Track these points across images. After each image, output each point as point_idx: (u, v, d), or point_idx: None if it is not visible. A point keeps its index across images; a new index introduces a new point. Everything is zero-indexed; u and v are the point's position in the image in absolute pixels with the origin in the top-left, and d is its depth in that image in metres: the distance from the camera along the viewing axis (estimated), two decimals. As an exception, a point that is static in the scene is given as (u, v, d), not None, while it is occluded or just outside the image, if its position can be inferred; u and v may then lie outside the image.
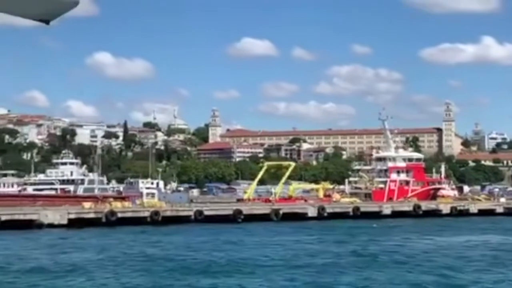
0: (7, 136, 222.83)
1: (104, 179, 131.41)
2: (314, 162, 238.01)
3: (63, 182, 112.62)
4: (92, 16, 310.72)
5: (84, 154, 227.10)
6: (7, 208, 62.31)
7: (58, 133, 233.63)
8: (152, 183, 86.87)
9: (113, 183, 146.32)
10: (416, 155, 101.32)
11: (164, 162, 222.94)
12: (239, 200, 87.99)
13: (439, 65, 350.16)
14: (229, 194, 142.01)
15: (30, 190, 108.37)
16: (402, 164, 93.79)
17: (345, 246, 39.36)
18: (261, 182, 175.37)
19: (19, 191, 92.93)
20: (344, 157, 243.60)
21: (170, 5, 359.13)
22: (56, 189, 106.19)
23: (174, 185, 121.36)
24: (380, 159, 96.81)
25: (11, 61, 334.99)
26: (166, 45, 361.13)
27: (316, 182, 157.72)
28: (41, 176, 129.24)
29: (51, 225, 60.63)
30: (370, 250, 36.96)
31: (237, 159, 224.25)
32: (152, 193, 75.75)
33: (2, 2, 2.84)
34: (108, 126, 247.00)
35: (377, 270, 28.02)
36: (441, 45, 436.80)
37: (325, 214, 73.88)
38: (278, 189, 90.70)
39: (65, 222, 61.85)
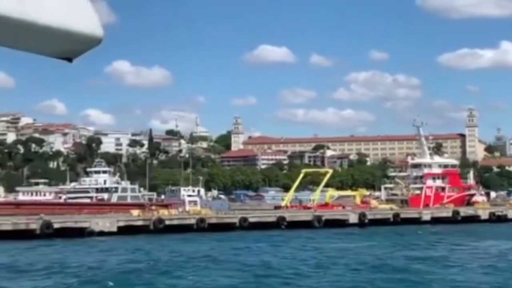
0: (33, 145, 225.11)
1: (136, 187, 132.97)
2: (338, 169, 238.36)
3: (97, 190, 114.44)
4: (111, 24, 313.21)
5: (110, 162, 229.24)
6: (57, 216, 63.50)
7: (84, 141, 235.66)
8: (193, 191, 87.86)
9: (142, 191, 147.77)
10: (451, 161, 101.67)
11: (189, 170, 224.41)
12: (277, 207, 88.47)
13: (458, 71, 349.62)
14: (257, 201, 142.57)
15: (64, 198, 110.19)
16: (438, 171, 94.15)
17: (409, 251, 39.99)
18: (287, 189, 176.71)
19: (65, 199, 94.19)
20: (368, 163, 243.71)
21: (187, 13, 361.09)
22: (91, 197, 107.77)
23: (215, 192, 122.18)
24: (415, 165, 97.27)
25: (30, 70, 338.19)
26: (183, 53, 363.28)
27: (343, 188, 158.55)
28: (74, 185, 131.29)
29: (101, 233, 61.73)
30: (440, 253, 37.58)
31: (262, 166, 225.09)
32: (194, 201, 76.59)
33: (20, 40, 2.84)
34: (133, 135, 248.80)
35: (464, 272, 28.71)
36: (459, 51, 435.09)
37: (366, 221, 74.41)
38: (316, 196, 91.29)
39: (114, 229, 62.88)
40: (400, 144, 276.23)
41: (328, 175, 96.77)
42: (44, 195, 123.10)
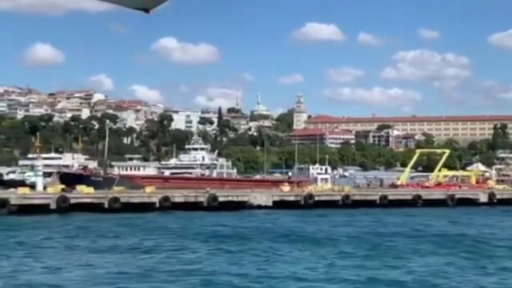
0: (107, 121, 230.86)
1: (230, 163, 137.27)
2: (400, 149, 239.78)
3: (200, 166, 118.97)
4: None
5: (181, 139, 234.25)
6: (221, 191, 67.71)
7: (155, 118, 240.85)
8: (321, 169, 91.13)
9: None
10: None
11: (258, 147, 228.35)
12: (392, 185, 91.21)
13: (509, 50, 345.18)
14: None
15: (167, 173, 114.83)
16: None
17: None
18: (364, 168, 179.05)
19: (202, 174, 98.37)
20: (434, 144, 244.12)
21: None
22: (197, 173, 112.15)
23: (340, 170, 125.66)
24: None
25: (80, 46, 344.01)
26: (231, 30, 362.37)
27: (418, 169, 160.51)
28: (173, 161, 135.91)
29: (259, 206, 65.71)
30: None
31: (330, 145, 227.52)
32: (325, 178, 79.82)
33: None
34: (202, 112, 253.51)
35: None
36: (510, 30, 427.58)
37: (495, 200, 77.04)
38: (434, 175, 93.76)
39: (270, 203, 66.88)
40: (463, 125, 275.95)
41: (445, 156, 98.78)
42: (138, 169, 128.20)
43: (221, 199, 64.63)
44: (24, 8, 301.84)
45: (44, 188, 63.20)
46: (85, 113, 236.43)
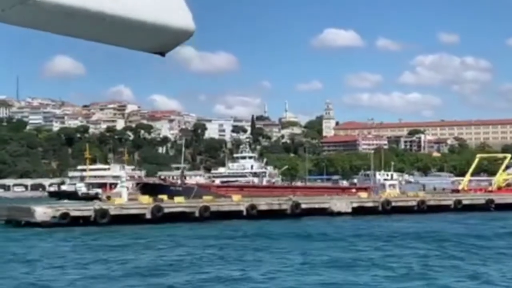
0: (142, 131, 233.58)
1: (277, 171, 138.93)
2: (435, 154, 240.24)
3: (252, 174, 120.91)
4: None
5: (215, 148, 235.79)
6: (302, 198, 69.25)
7: (189, 128, 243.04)
8: (387, 175, 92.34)
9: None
10: None
11: (291, 154, 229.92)
12: (454, 190, 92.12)
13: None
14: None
15: (218, 182, 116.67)
16: None
17: None
18: (402, 173, 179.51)
19: (272, 182, 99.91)
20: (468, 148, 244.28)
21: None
22: (248, 181, 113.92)
23: (405, 176, 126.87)
24: None
25: (99, 57, 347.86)
26: (249, 38, 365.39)
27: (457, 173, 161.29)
28: (223, 169, 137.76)
29: (339, 213, 67.05)
30: None
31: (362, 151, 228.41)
32: (393, 185, 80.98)
33: (116, 36, 2.85)
34: (235, 120, 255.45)
35: None
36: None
37: None
38: (496, 180, 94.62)
39: (349, 210, 68.18)
40: (494, 129, 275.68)
41: (506, 161, 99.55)
42: (180, 178, 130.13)
43: (303, 206, 66.08)
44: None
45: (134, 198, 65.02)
46: (119, 124, 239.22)
